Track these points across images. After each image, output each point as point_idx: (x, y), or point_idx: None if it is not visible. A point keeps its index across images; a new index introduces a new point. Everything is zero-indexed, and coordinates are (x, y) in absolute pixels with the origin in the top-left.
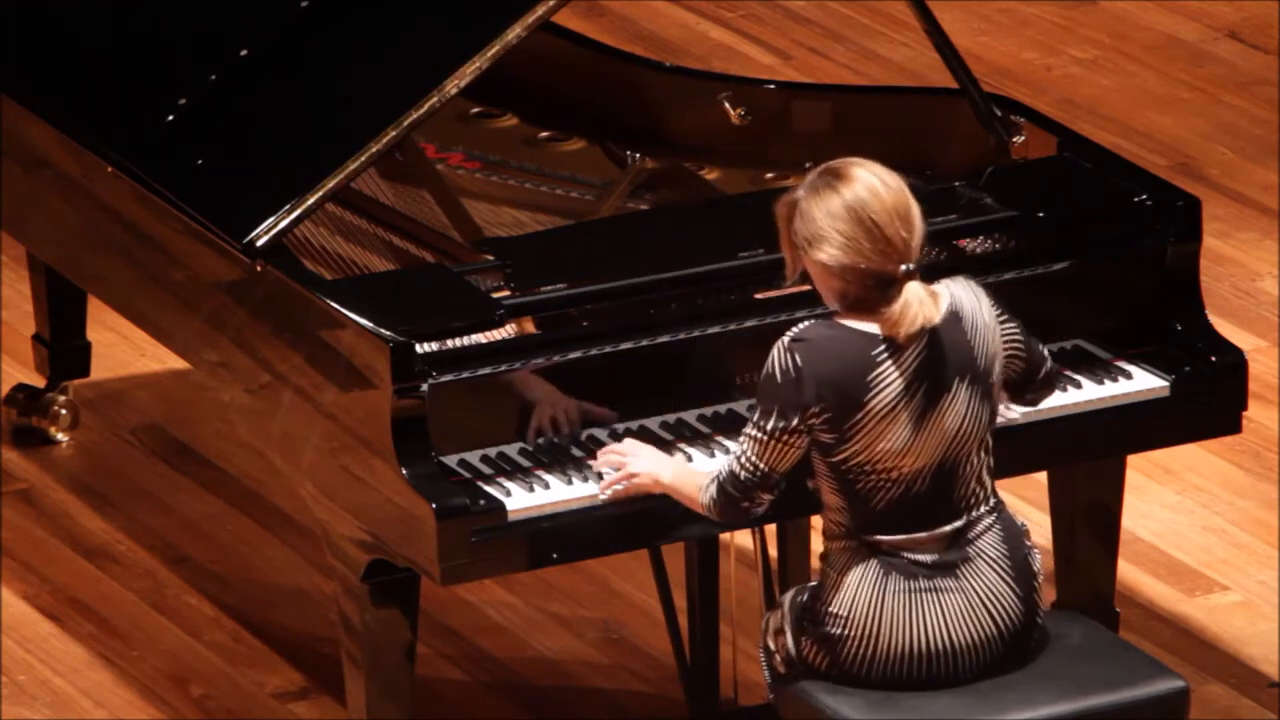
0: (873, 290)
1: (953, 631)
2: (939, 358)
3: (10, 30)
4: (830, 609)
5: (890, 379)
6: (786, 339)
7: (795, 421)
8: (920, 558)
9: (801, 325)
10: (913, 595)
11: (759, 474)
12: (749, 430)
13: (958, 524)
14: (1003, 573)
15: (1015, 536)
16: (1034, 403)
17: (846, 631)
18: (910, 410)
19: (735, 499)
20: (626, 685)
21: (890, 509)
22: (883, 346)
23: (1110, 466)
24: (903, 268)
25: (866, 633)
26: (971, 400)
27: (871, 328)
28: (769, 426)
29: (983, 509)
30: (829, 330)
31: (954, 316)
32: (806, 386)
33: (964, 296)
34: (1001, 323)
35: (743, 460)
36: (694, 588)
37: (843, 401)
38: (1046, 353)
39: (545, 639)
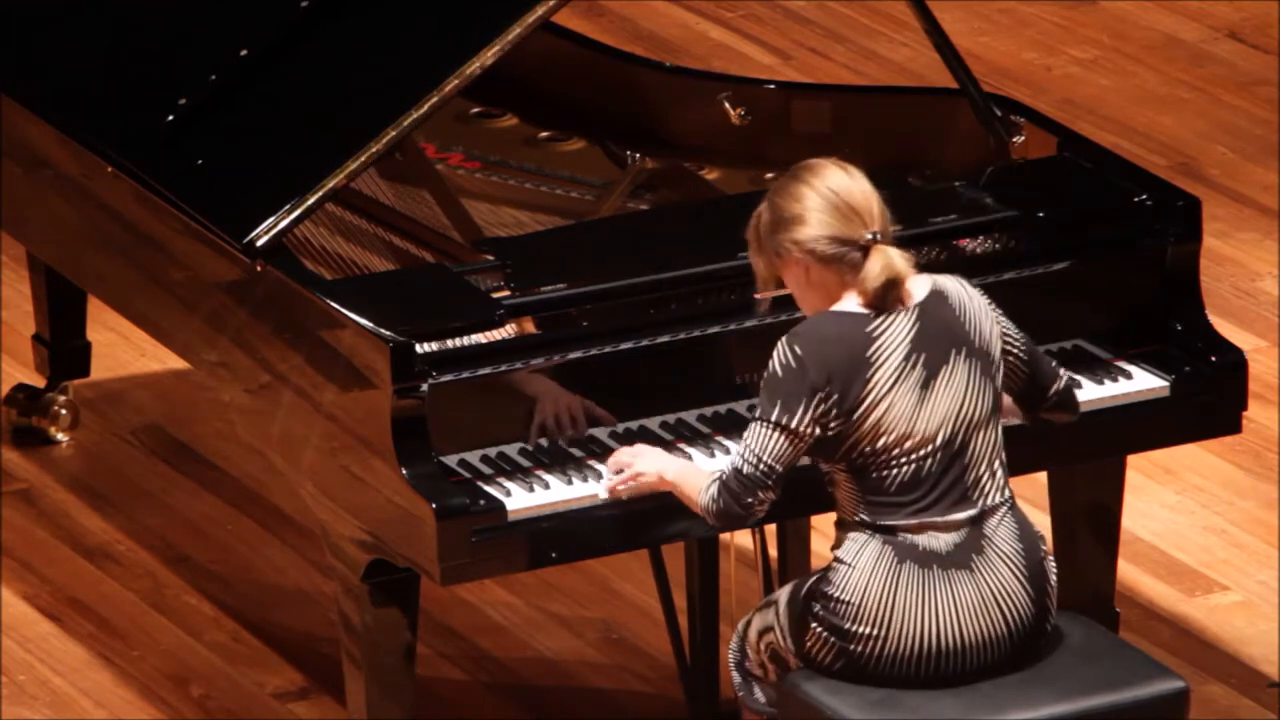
0: (845, 261)
1: (964, 626)
2: (933, 330)
3: (10, 30)
4: (842, 597)
5: (889, 351)
6: (784, 337)
7: (800, 411)
8: (935, 546)
9: (797, 325)
10: (926, 585)
11: (761, 468)
12: (753, 425)
13: (971, 511)
14: (1017, 571)
15: (1031, 538)
16: (1050, 422)
17: (858, 626)
18: (912, 380)
19: (738, 495)
20: (626, 685)
21: (903, 491)
22: (876, 321)
23: (1110, 466)
24: (868, 234)
25: (878, 622)
26: (972, 375)
27: (859, 308)
28: (773, 418)
29: (996, 499)
30: (822, 320)
31: (939, 296)
32: (811, 372)
33: (948, 284)
34: (998, 316)
35: (746, 454)
36: (694, 588)
37: (848, 380)
38: (1063, 373)
39: (545, 639)
